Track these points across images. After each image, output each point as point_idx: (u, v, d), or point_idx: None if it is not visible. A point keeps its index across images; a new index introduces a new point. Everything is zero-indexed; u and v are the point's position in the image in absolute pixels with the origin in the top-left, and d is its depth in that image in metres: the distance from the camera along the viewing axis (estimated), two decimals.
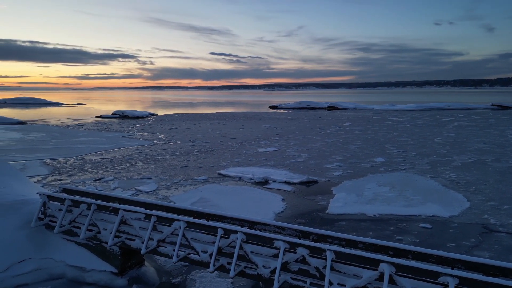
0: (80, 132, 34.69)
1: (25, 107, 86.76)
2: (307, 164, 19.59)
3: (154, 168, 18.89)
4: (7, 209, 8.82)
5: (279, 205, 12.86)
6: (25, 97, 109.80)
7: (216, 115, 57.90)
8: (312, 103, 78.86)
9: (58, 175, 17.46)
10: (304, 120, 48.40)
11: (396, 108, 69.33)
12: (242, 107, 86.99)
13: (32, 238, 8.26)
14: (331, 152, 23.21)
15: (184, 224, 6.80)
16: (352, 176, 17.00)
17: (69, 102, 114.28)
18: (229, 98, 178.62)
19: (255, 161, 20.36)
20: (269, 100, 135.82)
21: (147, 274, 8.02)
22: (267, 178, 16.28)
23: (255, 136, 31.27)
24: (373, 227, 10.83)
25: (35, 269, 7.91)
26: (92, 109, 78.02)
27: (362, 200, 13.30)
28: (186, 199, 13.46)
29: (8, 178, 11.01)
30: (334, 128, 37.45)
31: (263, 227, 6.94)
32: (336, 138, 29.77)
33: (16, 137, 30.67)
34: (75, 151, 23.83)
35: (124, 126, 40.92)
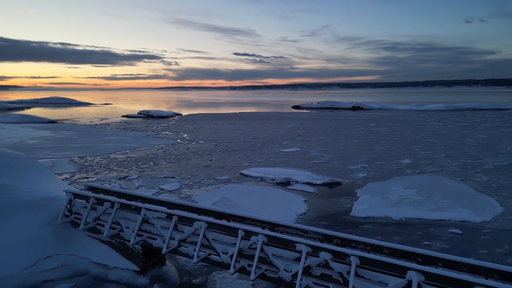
0: (107, 131, 35.56)
1: (56, 106, 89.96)
2: (331, 165, 19.25)
3: (177, 167, 19.06)
4: (35, 205, 9.07)
5: (301, 206, 12.65)
6: (56, 97, 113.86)
7: (238, 115, 58.06)
8: (336, 103, 77.80)
9: (85, 173, 17.90)
10: (328, 120, 47.77)
11: (423, 109, 67.35)
12: (265, 107, 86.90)
13: (58, 234, 8.45)
14: (356, 153, 22.73)
15: (205, 224, 6.75)
16: (377, 178, 16.56)
17: (97, 102, 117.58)
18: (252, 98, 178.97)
19: (277, 162, 20.19)
20: (292, 100, 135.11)
21: (168, 274, 8.04)
22: (289, 179, 16.09)
23: (277, 136, 31.09)
24: (399, 231, 10.47)
25: (60, 265, 8.08)
26: (118, 108, 79.98)
27: (387, 203, 12.90)
28: (208, 198, 13.47)
29: (37, 176, 11.35)
30: (358, 129, 36.74)
31: (284, 229, 6.79)
32: (361, 139, 29.17)
33: (47, 136, 31.76)
34: (102, 150, 24.41)
35: (149, 125, 41.66)
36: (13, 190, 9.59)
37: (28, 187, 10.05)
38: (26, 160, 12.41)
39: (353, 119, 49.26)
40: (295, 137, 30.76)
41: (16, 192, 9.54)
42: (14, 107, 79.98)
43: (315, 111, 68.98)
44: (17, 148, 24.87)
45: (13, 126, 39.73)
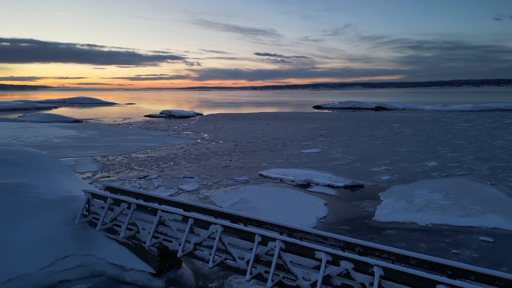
0: (130, 131, 36.10)
1: (82, 106, 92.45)
2: (352, 167, 18.73)
3: (197, 167, 19.02)
4: (55, 205, 9.13)
5: (322, 209, 12.30)
6: (82, 97, 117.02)
7: (259, 115, 57.87)
8: (358, 103, 76.43)
9: (106, 172, 18.11)
10: (350, 120, 46.89)
11: (450, 109, 65.16)
12: (286, 107, 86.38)
13: (76, 234, 8.45)
14: (379, 155, 22.08)
15: (221, 228, 6.55)
16: (401, 181, 15.96)
17: (121, 101, 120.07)
18: (273, 98, 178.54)
19: (297, 163, 19.84)
20: (313, 100, 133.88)
21: (184, 277, 7.89)
22: (309, 181, 15.73)
23: (297, 137, 30.69)
24: (425, 238, 9.97)
25: (78, 265, 8.06)
26: (141, 108, 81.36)
27: (412, 207, 12.36)
28: (226, 199, 13.31)
29: (59, 175, 11.48)
30: (381, 129, 35.83)
31: (303, 235, 6.50)
32: (384, 140, 28.38)
33: (72, 135, 32.51)
34: (124, 149, 24.72)
35: (170, 125, 42.06)
36: (35, 189, 9.70)
37: (49, 186, 10.15)
38: (49, 159, 12.60)
39: (376, 119, 48.16)
40: (316, 137, 30.26)
41: (37, 191, 9.64)
42: (42, 106, 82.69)
43: (336, 111, 67.97)
44: (43, 146, 25.54)
45: (40, 125, 40.94)
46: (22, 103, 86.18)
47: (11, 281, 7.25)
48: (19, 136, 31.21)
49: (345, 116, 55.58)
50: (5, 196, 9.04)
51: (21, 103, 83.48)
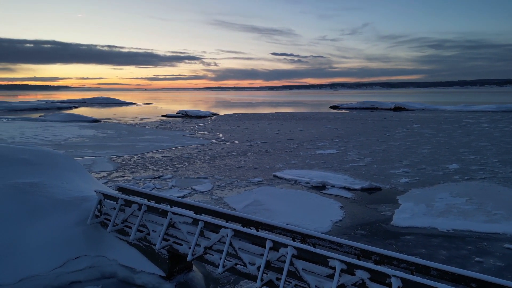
0: (146, 130, 36.41)
1: (101, 106, 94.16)
2: (370, 169, 18.26)
3: (211, 167, 18.92)
4: (67, 205, 9.12)
5: (337, 213, 11.96)
6: (102, 97, 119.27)
7: (274, 115, 57.56)
8: (376, 103, 75.14)
9: (122, 171, 18.21)
10: (368, 121, 46.05)
11: (472, 109, 63.27)
12: (302, 107, 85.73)
13: (87, 235, 8.41)
14: (397, 157, 21.50)
15: (231, 232, 6.35)
16: (420, 184, 15.43)
17: (139, 101, 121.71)
18: (289, 98, 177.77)
19: (313, 164, 19.49)
20: (330, 100, 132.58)
21: (194, 280, 7.73)
22: (324, 183, 15.39)
23: (313, 137, 30.27)
24: (446, 244, 9.52)
25: (89, 266, 8.01)
26: (159, 108, 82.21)
27: (432, 212, 11.88)
28: (239, 201, 13.12)
29: (73, 175, 11.53)
30: (400, 130, 35.00)
31: (316, 241, 6.24)
32: (403, 141, 27.67)
33: (90, 134, 33.01)
34: (139, 149, 24.88)
35: (186, 125, 42.24)
36: (49, 188, 9.73)
37: (63, 186, 10.17)
38: (63, 158, 12.69)
39: (394, 120, 47.17)
40: (332, 138, 29.78)
41: (51, 190, 9.67)
42: (63, 106, 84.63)
43: (354, 112, 66.98)
44: (62, 146, 25.98)
45: (60, 125, 41.79)
46: (44, 103, 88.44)
47: (23, 281, 7.25)
48: (40, 135, 31.88)
49: (363, 116, 54.67)
50: (20, 195, 9.10)
51: (43, 103, 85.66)
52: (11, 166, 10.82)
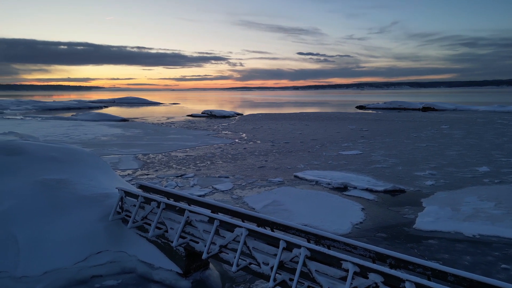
0: (171, 130, 37.10)
1: (130, 106, 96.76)
2: (394, 171, 17.83)
3: (233, 167, 19.04)
4: (91, 201, 9.44)
5: (358, 215, 11.75)
6: (130, 97, 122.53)
7: (299, 115, 57.20)
8: (404, 103, 73.22)
9: (146, 169, 18.64)
10: (394, 121, 44.95)
11: (507, 110, 60.43)
12: (327, 107, 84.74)
13: (109, 230, 8.67)
14: (424, 158, 20.87)
15: (246, 231, 6.38)
16: (447, 186, 14.92)
17: (166, 101, 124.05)
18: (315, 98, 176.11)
19: (335, 165, 19.24)
20: (357, 100, 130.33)
21: (210, 278, 7.82)
22: (346, 184, 15.16)
23: (337, 138, 29.86)
24: (471, 250, 9.17)
25: (110, 261, 8.26)
26: (185, 108, 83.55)
27: (458, 216, 11.46)
28: (259, 200, 13.14)
29: (98, 172, 11.91)
30: (428, 131, 33.95)
31: (331, 243, 6.16)
32: (431, 143, 26.82)
33: (117, 133, 33.99)
34: (164, 148, 25.39)
35: (210, 124, 42.71)
36: (74, 185, 10.11)
37: (87, 183, 10.53)
38: (89, 156, 13.13)
39: (423, 120, 45.80)
40: (357, 139, 29.27)
41: (76, 187, 10.04)
42: (94, 106, 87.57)
43: (381, 112, 65.54)
44: (91, 144, 26.89)
45: (90, 124, 43.27)
46: (76, 102, 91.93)
47: (47, 273, 7.56)
48: (71, 134, 33.14)
49: (390, 116, 53.41)
50: (47, 191, 9.50)
51: (75, 103, 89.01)
52: (40, 163, 11.32)
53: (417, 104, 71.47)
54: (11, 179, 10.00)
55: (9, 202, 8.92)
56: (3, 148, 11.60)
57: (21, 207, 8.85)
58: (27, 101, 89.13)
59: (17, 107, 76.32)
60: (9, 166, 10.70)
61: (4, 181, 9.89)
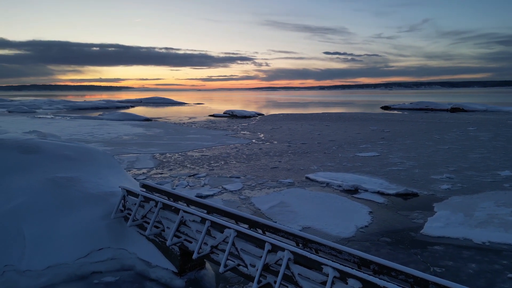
0: (191, 130, 37.65)
1: (155, 105, 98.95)
2: (410, 173, 17.34)
3: (246, 167, 19.12)
4: (97, 199, 9.75)
5: (365, 218, 11.53)
6: (157, 97, 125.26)
7: (320, 116, 56.60)
8: (431, 104, 70.95)
9: (161, 168, 19.03)
10: (419, 122, 43.66)
11: None
12: (351, 108, 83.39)
13: (111, 228, 8.93)
14: (443, 161, 20.18)
15: (234, 233, 6.42)
16: (463, 191, 14.38)
17: (191, 101, 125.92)
18: (340, 98, 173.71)
19: (350, 167, 18.93)
20: (384, 100, 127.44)
21: (205, 278, 7.91)
22: (357, 186, 14.89)
23: (356, 139, 29.34)
24: (478, 257, 8.80)
25: (110, 258, 8.51)
26: (208, 108, 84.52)
27: (470, 221, 11.03)
28: (266, 201, 13.14)
29: (108, 171, 12.28)
30: (453, 133, 32.78)
31: (318, 246, 6.10)
32: (454, 145, 25.89)
33: (139, 132, 34.86)
34: (182, 147, 25.81)
35: (230, 125, 43.01)
36: (83, 183, 10.47)
37: (96, 181, 10.89)
38: (102, 155, 13.56)
39: (449, 122, 44.25)
40: (377, 140, 28.66)
41: (84, 185, 10.40)
42: (121, 105, 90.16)
43: (406, 112, 63.83)
44: (112, 143, 27.73)
45: (115, 123, 44.59)
46: (104, 102, 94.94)
47: (49, 268, 7.88)
48: (95, 133, 34.28)
49: (415, 117, 51.92)
50: (56, 188, 9.90)
51: (103, 103, 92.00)
52: (54, 161, 11.80)
53: (445, 104, 69.14)
54: (24, 177, 10.49)
55: (20, 199, 9.35)
56: (20, 146, 12.18)
57: (31, 203, 9.26)
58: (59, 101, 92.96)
59: (49, 107, 79.74)
60: (24, 164, 11.22)
61: (17, 178, 10.38)
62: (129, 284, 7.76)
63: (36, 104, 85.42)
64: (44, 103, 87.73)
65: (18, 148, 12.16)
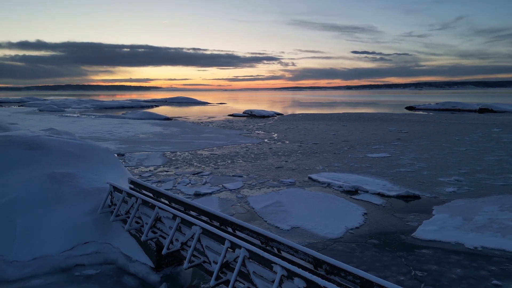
0: (207, 129, 38.10)
1: (179, 105, 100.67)
2: (417, 175, 16.85)
3: (251, 166, 19.18)
4: (88, 194, 10.10)
5: (357, 219, 11.34)
6: (181, 97, 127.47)
7: (340, 116, 55.79)
8: (458, 104, 68.42)
9: (167, 166, 19.41)
10: (441, 123, 42.22)
11: None
12: (374, 108, 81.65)
13: (97, 223, 9.23)
14: (456, 163, 19.46)
15: (199, 230, 6.51)
16: (469, 194, 13.84)
17: (215, 101, 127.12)
18: (366, 98, 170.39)
19: (356, 167, 18.60)
20: (411, 100, 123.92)
21: (181, 274, 8.04)
22: (358, 187, 14.64)
23: (371, 140, 28.75)
24: (465, 263, 8.48)
25: (95, 251, 8.81)
26: (229, 108, 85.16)
27: (467, 226, 10.61)
28: (261, 201, 13.16)
29: (106, 168, 12.67)
30: (475, 134, 31.50)
31: (277, 245, 6.09)
32: (472, 147, 24.88)
33: (156, 131, 35.63)
34: (193, 146, 26.19)
35: (246, 124, 43.17)
36: (78, 179, 10.87)
37: (92, 177, 11.26)
38: (104, 152, 14.00)
39: (474, 123, 42.53)
40: (392, 141, 27.98)
41: (79, 181, 10.78)
42: (146, 105, 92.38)
43: (432, 113, 61.85)
44: (128, 141, 28.51)
45: (135, 122, 45.78)
46: (130, 102, 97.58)
47: (35, 260, 8.25)
48: (114, 131, 35.33)
49: (438, 118, 50.23)
50: (52, 184, 10.32)
51: (129, 102, 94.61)
52: (56, 157, 12.30)
53: (473, 105, 66.49)
54: (25, 172, 11.00)
55: (16, 193, 9.82)
56: (26, 143, 12.77)
57: (26, 197, 9.70)
58: (87, 100, 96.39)
59: (78, 106, 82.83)
60: (27, 160, 11.77)
61: (18, 173, 10.90)
62: (107, 278, 8.00)
63: (65, 103, 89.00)
64: (73, 102, 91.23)
65: (23, 144, 12.75)
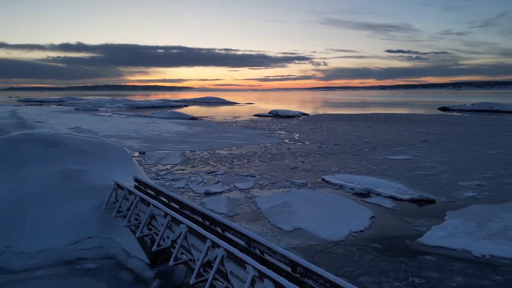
0: (230, 128, 38.43)
1: (207, 105, 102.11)
2: (436, 179, 16.20)
3: (265, 166, 19.17)
4: (95, 191, 10.51)
5: (363, 222, 11.07)
6: (210, 97, 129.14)
7: (368, 116, 54.50)
8: (496, 105, 64.96)
9: (184, 165, 19.77)
10: (473, 125, 40.29)
11: None
12: (405, 108, 79.11)
13: (101, 218, 9.58)
14: (481, 167, 18.53)
15: (186, 228, 6.61)
16: (488, 199, 13.16)
17: (244, 101, 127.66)
18: (399, 98, 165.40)
19: (374, 169, 18.14)
20: (448, 100, 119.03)
21: (175, 271, 8.18)
22: (371, 190, 14.28)
23: (394, 141, 27.91)
24: (469, 271, 8.08)
25: (98, 246, 9.15)
26: (256, 108, 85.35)
27: (479, 232, 10.11)
28: (269, 201, 13.14)
29: (118, 165, 13.12)
30: (509, 137, 29.84)
31: (258, 246, 6.08)
32: (503, 150, 23.60)
33: (180, 130, 36.36)
34: (213, 145, 26.51)
35: (270, 124, 43.13)
36: (88, 175, 11.34)
37: (102, 174, 11.72)
38: (118, 150, 14.49)
39: (510, 125, 40.27)
40: (416, 143, 27.03)
41: (89, 177, 11.25)
42: (175, 105, 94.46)
43: (466, 114, 59.15)
44: (151, 140, 29.29)
45: (162, 121, 46.92)
46: (160, 101, 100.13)
47: (41, 252, 8.68)
48: (141, 130, 36.40)
49: (472, 119, 47.96)
50: (63, 179, 10.84)
51: (159, 102, 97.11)
52: (71, 154, 12.89)
53: None
54: (41, 168, 11.61)
55: (30, 187, 10.39)
56: (44, 140, 13.47)
57: (38, 192, 10.25)
58: (120, 100, 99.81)
59: (111, 105, 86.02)
60: (44, 156, 12.41)
61: (34, 169, 11.52)
62: (105, 272, 8.28)
63: (100, 103, 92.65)
64: (107, 102, 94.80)
65: (43, 142, 13.46)
